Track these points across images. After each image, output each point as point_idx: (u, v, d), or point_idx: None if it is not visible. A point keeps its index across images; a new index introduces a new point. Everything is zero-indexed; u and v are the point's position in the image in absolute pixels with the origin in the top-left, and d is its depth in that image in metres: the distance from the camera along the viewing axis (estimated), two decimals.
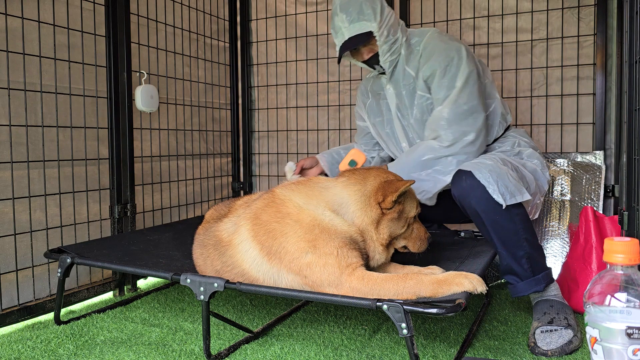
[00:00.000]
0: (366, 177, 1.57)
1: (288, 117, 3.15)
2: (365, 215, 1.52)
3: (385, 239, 1.54)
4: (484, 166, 1.71)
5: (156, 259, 1.90)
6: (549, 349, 1.59)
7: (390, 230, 1.54)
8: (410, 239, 1.62)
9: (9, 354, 1.62)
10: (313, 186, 1.59)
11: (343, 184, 1.57)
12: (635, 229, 1.41)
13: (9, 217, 1.92)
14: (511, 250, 1.74)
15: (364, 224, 1.52)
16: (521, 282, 1.76)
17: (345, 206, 1.53)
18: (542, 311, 1.74)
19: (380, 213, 1.52)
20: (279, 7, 3.11)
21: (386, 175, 1.58)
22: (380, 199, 1.51)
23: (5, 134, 1.91)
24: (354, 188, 1.55)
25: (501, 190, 1.67)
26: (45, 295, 2.06)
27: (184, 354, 1.62)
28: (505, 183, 1.69)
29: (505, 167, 1.76)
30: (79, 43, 2.18)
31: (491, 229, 1.73)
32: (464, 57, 1.90)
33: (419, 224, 1.64)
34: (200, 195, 2.94)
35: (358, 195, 1.54)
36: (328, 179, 1.64)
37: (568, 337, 1.62)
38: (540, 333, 1.66)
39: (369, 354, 1.62)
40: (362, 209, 1.52)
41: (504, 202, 1.66)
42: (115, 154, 2.32)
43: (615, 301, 0.88)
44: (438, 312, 1.27)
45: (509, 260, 1.75)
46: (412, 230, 1.61)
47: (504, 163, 1.79)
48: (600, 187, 2.33)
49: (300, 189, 1.58)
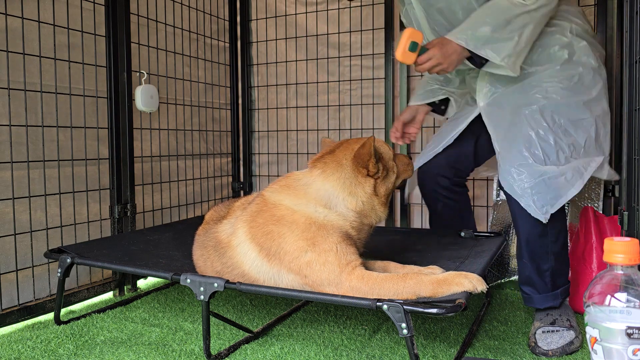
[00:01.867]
0: (339, 161, 1.57)
1: (288, 117, 3.15)
2: (360, 195, 1.54)
3: (384, 195, 1.58)
4: (523, 177, 1.62)
5: (156, 259, 1.90)
6: (550, 349, 1.59)
7: (386, 186, 1.59)
8: (402, 173, 1.68)
9: (9, 354, 1.62)
10: (295, 185, 1.58)
11: (322, 176, 1.56)
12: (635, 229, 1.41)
13: (9, 217, 1.92)
14: (536, 262, 1.70)
15: (363, 201, 1.54)
16: (538, 294, 1.73)
17: (335, 197, 1.53)
18: (545, 312, 1.74)
19: (373, 182, 1.55)
20: (279, 7, 3.11)
21: (351, 147, 1.59)
22: (364, 172, 1.54)
23: (5, 134, 1.91)
24: (334, 177, 1.55)
25: (537, 205, 1.59)
26: (45, 295, 2.06)
27: (184, 354, 1.62)
28: (542, 194, 1.59)
29: (548, 163, 1.61)
30: (79, 43, 2.18)
31: (524, 241, 1.70)
32: None
33: (398, 155, 1.70)
34: (200, 195, 2.94)
35: (341, 182, 1.54)
36: (303, 173, 1.62)
37: (569, 338, 1.62)
38: (541, 333, 1.65)
39: (369, 354, 1.62)
40: (353, 192, 1.53)
41: (543, 218, 1.61)
42: (115, 154, 2.32)
43: (615, 301, 0.88)
44: (438, 312, 1.27)
45: (530, 273, 1.72)
46: (399, 166, 1.66)
47: (548, 138, 1.62)
48: (600, 187, 2.33)
49: (287, 191, 1.58)
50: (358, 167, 1.53)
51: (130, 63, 2.37)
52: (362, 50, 2.92)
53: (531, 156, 1.63)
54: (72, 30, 2.15)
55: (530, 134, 1.65)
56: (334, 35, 2.98)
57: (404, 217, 2.84)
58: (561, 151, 1.64)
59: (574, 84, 1.69)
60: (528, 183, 1.61)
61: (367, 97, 2.93)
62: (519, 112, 1.70)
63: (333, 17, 2.98)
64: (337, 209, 1.53)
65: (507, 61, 1.62)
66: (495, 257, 1.82)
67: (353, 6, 2.91)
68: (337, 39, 2.97)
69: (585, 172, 1.65)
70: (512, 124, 1.71)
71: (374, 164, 1.53)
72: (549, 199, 1.60)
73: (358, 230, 1.57)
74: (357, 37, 2.92)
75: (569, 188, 1.61)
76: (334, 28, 2.98)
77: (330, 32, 2.99)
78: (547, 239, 1.68)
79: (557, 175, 1.61)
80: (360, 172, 1.53)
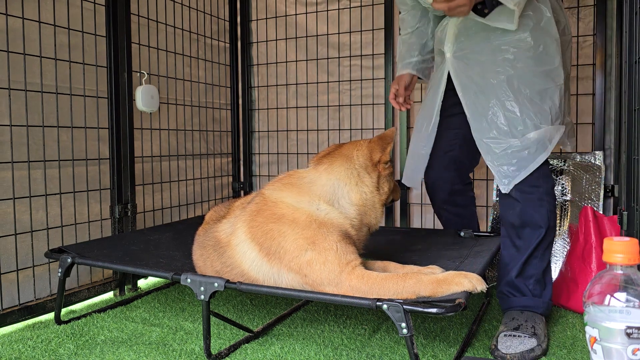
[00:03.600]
0: (348, 154, 1.61)
1: (288, 117, 3.16)
2: (365, 186, 1.57)
3: (386, 192, 1.62)
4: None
5: (156, 258, 1.91)
6: (508, 353, 1.57)
7: (388, 184, 1.63)
8: (394, 191, 1.71)
9: (10, 353, 1.62)
10: (299, 182, 1.59)
11: (328, 171, 1.58)
12: (634, 229, 1.41)
13: (10, 217, 1.93)
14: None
15: (366, 195, 1.57)
16: (521, 297, 1.75)
17: (340, 190, 1.55)
18: (511, 316, 1.72)
19: (378, 174, 1.59)
20: (279, 7, 3.12)
21: (358, 143, 1.64)
22: (378, 155, 1.58)
23: (6, 134, 1.91)
24: (341, 169, 1.57)
25: (500, 176, 1.69)
26: (45, 295, 2.06)
27: (184, 354, 1.62)
28: (506, 166, 1.68)
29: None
30: (79, 43, 2.18)
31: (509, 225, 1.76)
32: None
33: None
34: (201, 195, 2.95)
35: (348, 173, 1.57)
36: (307, 171, 1.63)
37: (530, 345, 1.58)
38: (503, 337, 1.63)
39: (369, 353, 1.62)
40: (359, 183, 1.57)
41: (506, 189, 1.69)
42: (115, 154, 2.33)
43: (615, 301, 0.88)
44: (438, 311, 1.27)
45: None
46: (390, 181, 1.69)
47: (514, 109, 1.66)
48: (600, 187, 2.33)
49: (289, 188, 1.59)
50: (373, 152, 1.58)
51: (130, 63, 2.37)
52: (362, 50, 2.92)
53: (496, 129, 1.69)
54: (73, 30, 2.15)
55: (497, 106, 1.69)
56: (334, 35, 2.98)
57: (404, 217, 2.84)
58: (528, 119, 1.67)
59: (539, 52, 1.69)
60: (494, 155, 1.70)
61: (367, 97, 2.93)
62: (487, 81, 1.72)
63: (333, 17, 2.98)
64: (340, 203, 1.54)
65: (518, 7, 1.60)
66: (495, 257, 1.83)
67: (353, 6, 2.91)
68: (337, 39, 2.98)
69: (550, 145, 1.69)
70: (480, 91, 1.73)
71: (390, 152, 1.58)
72: (511, 171, 1.68)
73: (357, 230, 1.57)
74: (357, 37, 2.93)
75: (530, 161, 1.67)
76: (334, 28, 2.98)
77: (330, 32, 2.99)
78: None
79: (520, 149, 1.67)
80: (372, 158, 1.58)
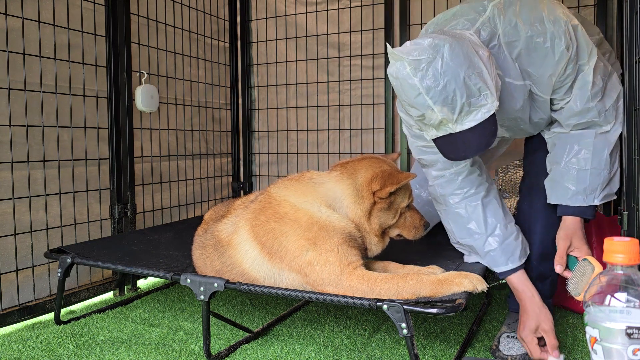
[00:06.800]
0: (357, 170, 1.59)
1: (288, 117, 3.15)
2: (358, 208, 1.54)
3: (376, 229, 1.56)
4: None
5: (156, 259, 1.91)
6: (509, 355, 1.57)
7: (380, 220, 1.56)
8: (405, 228, 1.63)
9: (9, 353, 1.62)
10: (307, 182, 1.60)
11: (336, 178, 1.58)
12: (635, 229, 1.41)
13: (9, 217, 1.93)
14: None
15: (357, 216, 1.54)
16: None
17: (339, 200, 1.55)
18: (514, 318, 1.71)
19: (372, 203, 1.54)
20: (279, 7, 3.11)
21: (380, 165, 1.59)
22: (376, 188, 1.52)
23: (6, 134, 1.91)
24: (346, 182, 1.56)
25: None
26: (45, 295, 2.06)
27: (184, 354, 1.62)
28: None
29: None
30: (79, 43, 2.18)
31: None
32: None
33: (414, 212, 1.66)
34: (200, 195, 2.95)
35: (351, 189, 1.55)
36: (322, 173, 1.64)
37: None
38: (505, 337, 1.63)
39: (369, 353, 1.62)
40: (355, 202, 1.54)
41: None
42: (115, 154, 2.32)
43: (615, 301, 0.88)
44: (438, 312, 1.27)
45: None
46: (406, 219, 1.63)
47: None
48: None
49: (295, 187, 1.59)
50: (372, 182, 1.53)
51: (130, 63, 2.37)
52: (362, 50, 2.92)
53: None
54: (73, 30, 2.15)
55: None
56: (334, 35, 2.98)
57: None
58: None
59: None
60: None
61: (367, 97, 2.93)
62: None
63: (333, 17, 2.98)
64: (340, 211, 1.54)
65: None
66: None
67: (353, 6, 2.91)
68: (337, 39, 2.97)
69: None
70: None
71: (389, 192, 1.51)
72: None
73: (362, 238, 1.56)
74: (357, 37, 2.92)
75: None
76: (334, 28, 2.98)
77: (330, 32, 2.99)
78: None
79: None
80: (370, 187, 1.53)
